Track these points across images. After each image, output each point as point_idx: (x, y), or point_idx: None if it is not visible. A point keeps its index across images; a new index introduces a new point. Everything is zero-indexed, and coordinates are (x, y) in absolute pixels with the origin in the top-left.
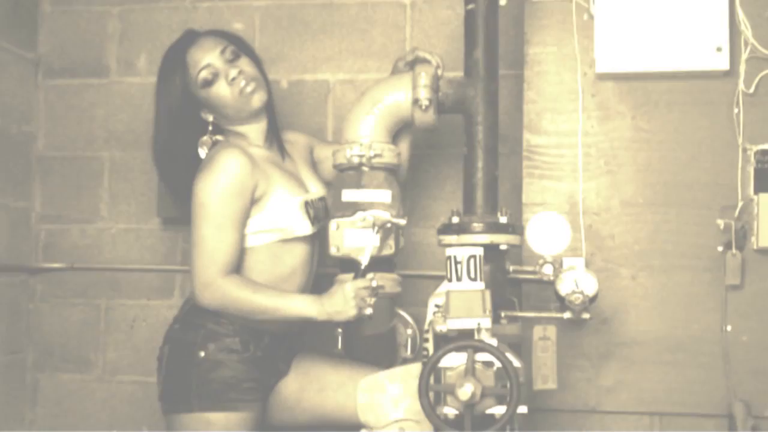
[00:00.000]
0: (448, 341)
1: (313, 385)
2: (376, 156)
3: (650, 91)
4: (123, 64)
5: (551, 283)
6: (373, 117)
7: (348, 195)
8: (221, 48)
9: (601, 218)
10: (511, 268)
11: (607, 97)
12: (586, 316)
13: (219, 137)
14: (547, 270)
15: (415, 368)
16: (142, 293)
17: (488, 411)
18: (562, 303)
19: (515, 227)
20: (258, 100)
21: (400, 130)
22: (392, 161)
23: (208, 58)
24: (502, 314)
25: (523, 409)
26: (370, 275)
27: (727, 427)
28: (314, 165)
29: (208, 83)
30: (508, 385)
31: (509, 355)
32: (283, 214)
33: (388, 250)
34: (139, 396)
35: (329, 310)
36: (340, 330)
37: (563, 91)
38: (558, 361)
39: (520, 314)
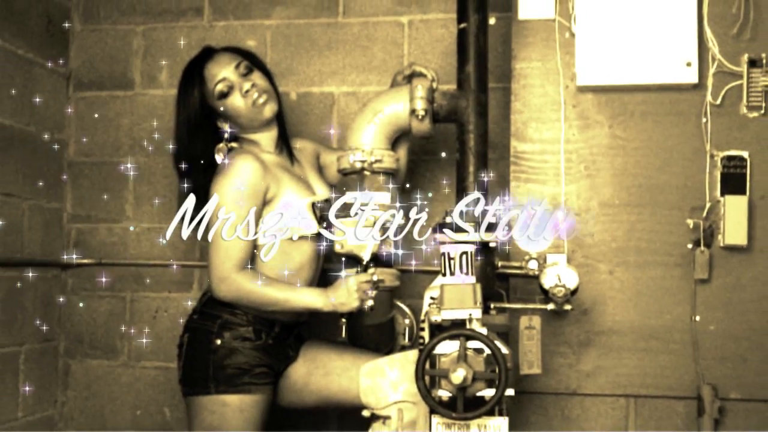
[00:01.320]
0: (442, 330)
1: (320, 370)
2: (376, 161)
3: (626, 102)
4: (146, 78)
5: (536, 278)
6: (374, 126)
7: (351, 197)
8: (236, 63)
9: (581, 218)
10: (500, 263)
11: (586, 108)
12: (567, 307)
13: (234, 144)
14: (533, 265)
15: (413, 355)
16: (164, 286)
17: (479, 393)
18: (546, 295)
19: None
20: (269, 110)
21: (398, 137)
22: (391, 166)
23: (224, 72)
24: (492, 306)
25: (510, 392)
26: (371, 270)
27: (696, 409)
28: (320, 169)
29: (224, 95)
30: (497, 370)
31: (498, 343)
32: (293, 214)
33: (388, 247)
34: (161, 380)
35: (334, 302)
36: (344, 320)
37: (547, 103)
38: (542, 349)
39: (507, 306)
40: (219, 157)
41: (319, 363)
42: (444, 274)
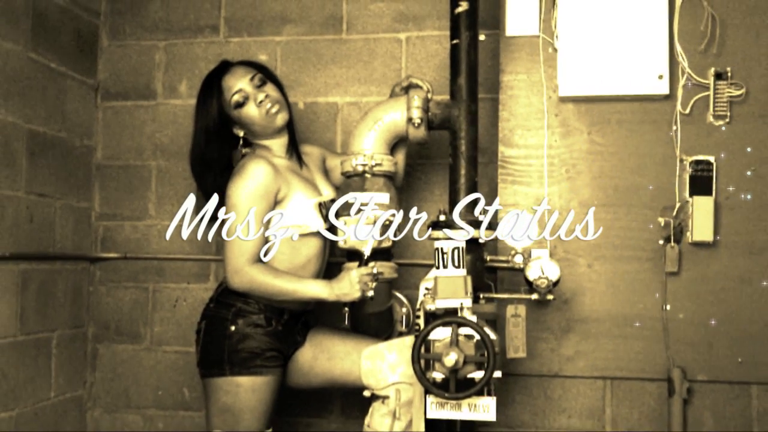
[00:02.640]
0: (436, 318)
1: (324, 354)
2: (376, 165)
3: (603, 111)
4: (168, 89)
5: (521, 270)
6: (374, 132)
7: (353, 197)
8: (251, 76)
9: (562, 217)
10: (488, 257)
11: (567, 117)
12: (550, 297)
13: (247, 150)
14: (518, 259)
15: (409, 340)
16: (183, 278)
17: (469, 375)
18: (531, 286)
19: (492, 224)
20: (281, 119)
21: (396, 143)
22: (390, 169)
23: (240, 84)
24: (481, 296)
25: (498, 374)
26: (371, 264)
27: (667, 390)
28: (326, 172)
29: (240, 105)
30: (486, 354)
31: (487, 330)
32: (301, 213)
33: (387, 243)
34: (180, 363)
35: (338, 292)
36: (346, 309)
37: (532, 112)
38: (527, 335)
39: (495, 296)
40: (234, 161)
41: (324, 348)
42: (438, 267)
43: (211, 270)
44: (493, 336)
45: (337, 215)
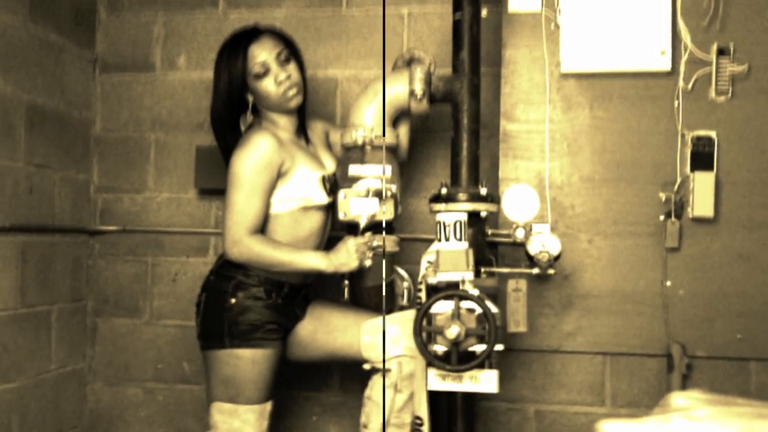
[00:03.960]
0: (438, 291)
1: (324, 328)
2: (377, 137)
3: (605, 86)
4: (166, 62)
5: (522, 245)
6: (375, 105)
7: (354, 170)
8: (278, 51)
9: (563, 191)
10: (490, 231)
11: (569, 92)
12: (551, 272)
13: (252, 118)
14: (520, 233)
15: (411, 314)
16: (182, 252)
17: (470, 348)
18: (532, 261)
19: (493, 197)
20: (295, 103)
21: (399, 117)
22: (392, 141)
23: (264, 55)
24: (482, 270)
25: (499, 347)
26: (368, 234)
27: (666, 365)
28: (330, 147)
29: (260, 77)
30: (487, 327)
31: (488, 303)
32: (305, 186)
33: (389, 216)
34: (179, 337)
35: (335, 263)
36: (346, 282)
37: (533, 86)
38: (527, 310)
39: (497, 270)
40: (242, 126)
41: (324, 321)
42: (439, 240)
43: (210, 244)
44: (494, 309)
45: (337, 187)
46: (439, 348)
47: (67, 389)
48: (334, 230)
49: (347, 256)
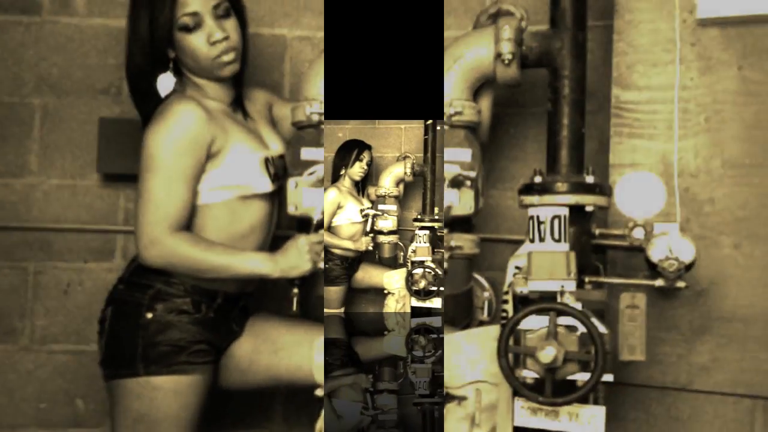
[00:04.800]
0: (528, 303)
1: (268, 346)
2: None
3: (761, 37)
4: (57, 2)
5: (640, 249)
6: (453, 73)
7: (307, 153)
8: (216, 1)
9: (699, 181)
10: (597, 231)
11: (709, 46)
12: (681, 284)
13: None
14: (638, 234)
15: (494, 330)
16: (78, 255)
17: (570, 377)
18: (654, 270)
19: (602, 188)
20: (230, 71)
21: (481, 86)
22: (472, 119)
23: (198, 4)
24: (586, 279)
25: (609, 377)
26: (321, 231)
27: None
28: (273, 123)
29: (187, 29)
30: (593, 351)
31: (594, 321)
32: (243, 170)
33: (467, 210)
34: (72, 366)
35: (283, 266)
36: (296, 291)
37: (658, 41)
38: (647, 333)
39: (605, 280)
40: (161, 89)
41: (267, 338)
42: (532, 241)
43: (117, 245)
44: (602, 329)
45: (285, 174)
46: (529, 374)
47: None
48: (280, 228)
49: (298, 257)
